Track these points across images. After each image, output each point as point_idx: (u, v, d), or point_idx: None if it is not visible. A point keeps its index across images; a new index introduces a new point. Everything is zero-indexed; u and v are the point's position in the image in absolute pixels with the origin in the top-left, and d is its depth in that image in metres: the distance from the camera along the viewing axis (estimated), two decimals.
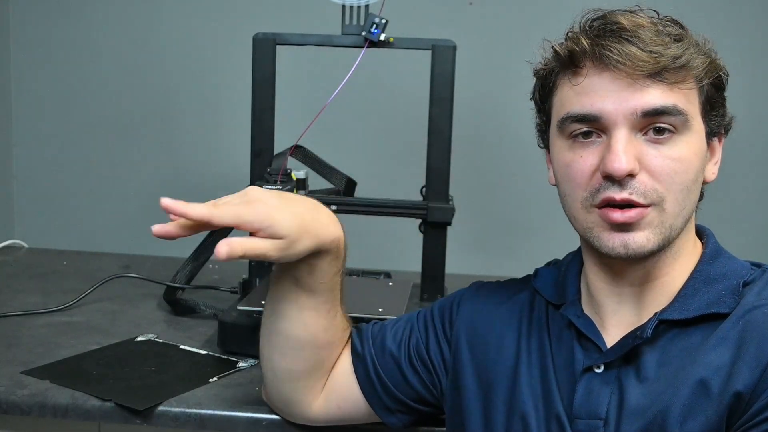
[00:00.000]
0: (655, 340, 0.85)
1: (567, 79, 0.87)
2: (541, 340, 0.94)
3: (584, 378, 0.88)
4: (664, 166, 0.83)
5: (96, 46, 2.00)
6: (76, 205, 2.06)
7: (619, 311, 0.90)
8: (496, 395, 0.94)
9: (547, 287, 0.98)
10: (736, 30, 1.85)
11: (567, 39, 0.88)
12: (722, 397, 0.79)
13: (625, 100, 0.82)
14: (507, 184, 1.93)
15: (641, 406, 0.83)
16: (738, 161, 1.88)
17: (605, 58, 0.82)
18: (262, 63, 1.45)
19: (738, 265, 0.90)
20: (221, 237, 1.50)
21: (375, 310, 1.28)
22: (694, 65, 0.83)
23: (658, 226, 0.84)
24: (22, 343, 1.34)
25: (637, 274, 0.88)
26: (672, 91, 0.83)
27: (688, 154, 0.84)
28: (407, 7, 1.58)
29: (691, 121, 0.84)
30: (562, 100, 0.88)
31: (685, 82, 0.83)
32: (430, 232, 1.46)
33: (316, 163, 1.51)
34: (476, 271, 1.87)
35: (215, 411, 1.13)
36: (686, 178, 0.84)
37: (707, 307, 0.85)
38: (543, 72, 0.91)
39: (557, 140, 0.89)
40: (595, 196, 0.84)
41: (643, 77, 0.82)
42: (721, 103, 0.88)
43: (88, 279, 1.66)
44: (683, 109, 0.83)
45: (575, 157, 0.86)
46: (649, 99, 0.82)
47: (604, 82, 0.83)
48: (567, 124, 0.86)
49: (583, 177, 0.85)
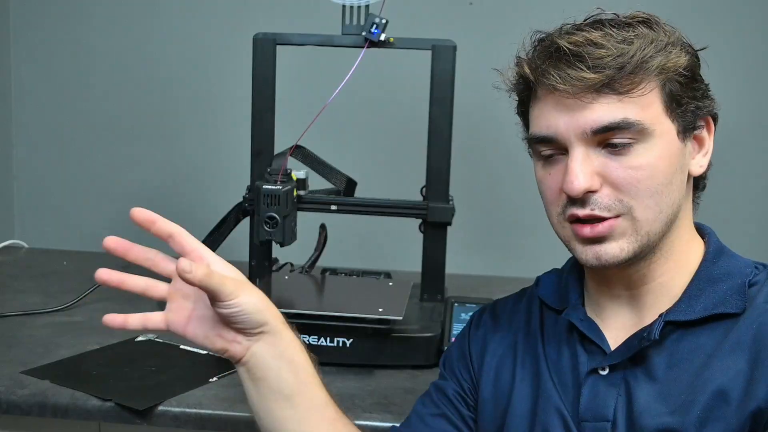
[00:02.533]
0: (662, 342, 0.85)
1: (530, 100, 0.89)
2: (534, 351, 0.94)
3: (589, 380, 0.87)
4: (627, 177, 0.82)
5: (96, 47, 2.00)
6: (76, 205, 2.06)
7: (619, 313, 0.90)
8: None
9: (550, 294, 0.98)
10: (737, 29, 1.85)
11: (516, 64, 0.89)
12: (742, 410, 0.79)
13: (574, 119, 0.82)
14: (507, 184, 1.93)
15: (653, 408, 0.82)
16: (740, 160, 1.88)
17: (546, 81, 0.83)
18: (262, 63, 1.45)
19: (741, 263, 0.89)
20: (221, 237, 1.52)
21: (375, 310, 1.28)
22: (646, 67, 0.81)
23: (632, 235, 0.83)
24: (22, 343, 1.34)
25: (631, 278, 0.88)
26: (622, 102, 0.81)
27: (651, 159, 0.82)
28: (407, 7, 1.58)
29: (650, 128, 0.82)
30: (530, 120, 0.89)
31: (638, 87, 0.81)
32: (430, 232, 1.46)
33: (316, 163, 1.51)
34: (476, 271, 1.87)
35: (215, 411, 1.13)
36: (652, 183, 0.82)
37: (713, 307, 0.84)
38: (516, 88, 0.92)
39: (533, 157, 0.90)
40: (564, 212, 0.85)
41: (589, 93, 0.81)
42: (690, 96, 0.85)
43: (88, 279, 1.65)
44: (635, 120, 0.81)
45: (546, 174, 0.87)
46: (597, 116, 0.81)
47: (553, 103, 0.84)
48: (533, 145, 0.88)
49: (553, 194, 0.87)
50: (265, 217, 1.35)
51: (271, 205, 1.35)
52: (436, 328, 1.34)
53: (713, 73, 0.92)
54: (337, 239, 1.56)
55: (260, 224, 1.36)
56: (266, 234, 1.35)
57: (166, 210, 2.27)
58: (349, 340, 1.28)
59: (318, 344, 1.27)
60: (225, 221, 1.52)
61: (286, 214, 1.36)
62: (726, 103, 0.92)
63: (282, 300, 1.39)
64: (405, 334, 1.31)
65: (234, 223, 1.51)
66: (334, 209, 1.46)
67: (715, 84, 0.90)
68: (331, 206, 1.46)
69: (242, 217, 1.50)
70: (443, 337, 1.34)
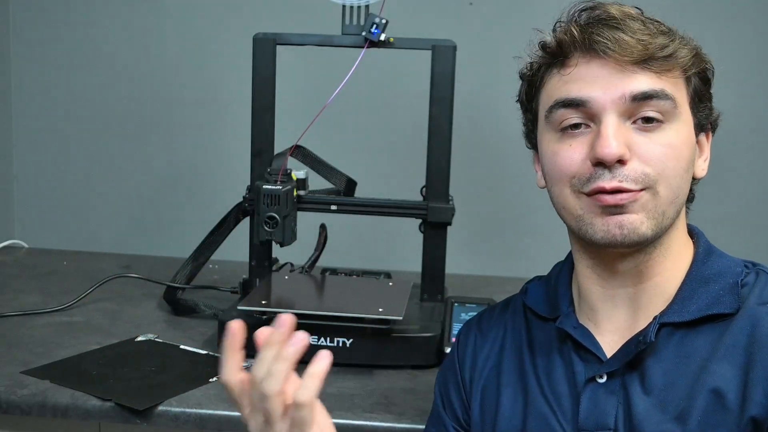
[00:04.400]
0: (658, 345, 0.85)
1: (555, 71, 0.88)
2: (521, 368, 0.93)
3: (588, 389, 0.86)
4: (656, 151, 0.82)
5: (96, 47, 2.00)
6: (76, 205, 2.06)
7: (615, 315, 0.90)
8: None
9: (539, 303, 0.97)
10: (736, 31, 1.85)
11: (555, 31, 0.89)
12: (741, 415, 0.79)
13: (614, 85, 0.83)
14: (507, 184, 1.93)
15: (652, 414, 0.82)
16: (737, 162, 1.88)
17: (594, 45, 0.83)
18: (262, 63, 1.45)
19: (731, 262, 0.89)
20: (221, 237, 1.52)
21: (375, 310, 1.28)
22: (680, 56, 0.84)
23: (652, 210, 0.83)
24: (22, 343, 1.34)
25: (629, 273, 0.88)
26: (660, 78, 0.83)
27: (678, 141, 0.84)
28: (407, 7, 1.58)
29: (680, 109, 0.84)
30: (549, 92, 0.88)
31: (672, 71, 0.84)
32: (430, 232, 1.46)
33: (316, 163, 1.51)
34: (476, 271, 1.87)
35: (215, 411, 1.13)
36: (678, 164, 0.83)
37: (707, 308, 0.84)
38: (529, 72, 0.92)
39: (546, 133, 0.89)
40: (585, 185, 0.84)
41: (631, 64, 0.82)
42: (708, 97, 0.89)
43: (88, 279, 1.66)
44: (672, 94, 0.83)
45: (564, 146, 0.86)
46: (637, 84, 0.82)
47: (593, 69, 0.84)
48: (555, 111, 0.86)
49: (572, 165, 0.85)
50: (265, 217, 1.35)
51: (271, 205, 1.35)
52: (436, 328, 1.34)
53: None
54: (337, 239, 1.56)
55: (260, 224, 1.36)
56: (266, 234, 1.35)
57: (167, 210, 2.29)
58: (349, 340, 1.28)
59: (318, 344, 1.27)
60: (225, 221, 1.52)
61: (286, 214, 1.36)
62: (720, 106, 0.93)
63: (282, 300, 1.39)
64: (405, 334, 1.31)
65: (234, 223, 1.51)
66: (334, 209, 1.46)
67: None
68: (331, 206, 1.46)
69: (242, 217, 1.50)
70: (443, 337, 1.34)
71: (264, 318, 1.29)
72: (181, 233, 1.93)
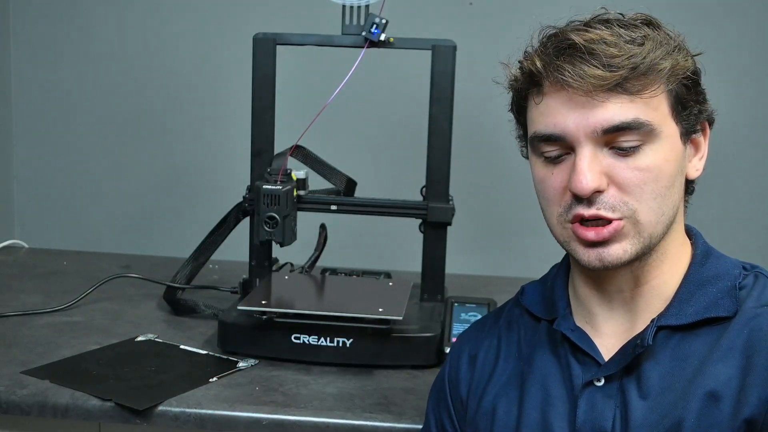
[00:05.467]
0: (655, 348, 0.84)
1: (532, 97, 0.87)
2: (518, 379, 0.93)
3: (586, 393, 0.86)
4: (633, 178, 0.82)
5: (96, 46, 2.00)
6: (76, 205, 2.06)
7: (612, 318, 0.89)
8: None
9: (536, 304, 0.97)
10: (736, 29, 1.85)
11: (524, 58, 0.88)
12: (735, 417, 0.78)
13: (585, 118, 0.81)
14: (507, 184, 1.93)
15: (649, 418, 0.82)
16: (738, 161, 1.88)
17: (559, 79, 0.82)
18: (262, 63, 1.45)
19: (729, 264, 0.89)
20: (221, 237, 1.52)
21: (375, 310, 1.28)
22: (657, 69, 0.82)
23: (634, 236, 0.83)
24: (22, 343, 1.34)
25: (624, 280, 0.88)
26: (633, 102, 0.81)
27: (657, 161, 0.82)
28: (407, 7, 1.58)
29: (658, 129, 0.82)
30: (531, 118, 0.88)
31: (648, 88, 0.82)
32: (430, 232, 1.46)
33: (316, 163, 1.51)
34: (476, 271, 1.87)
35: (215, 411, 1.13)
36: (658, 186, 0.82)
37: (705, 311, 0.84)
38: (515, 85, 0.91)
39: (532, 156, 0.89)
40: (567, 212, 0.84)
41: (602, 92, 0.81)
42: (694, 100, 0.86)
43: (88, 279, 1.66)
44: (645, 121, 0.81)
45: (548, 173, 0.86)
46: (609, 115, 0.81)
47: (563, 101, 0.83)
48: (536, 144, 0.87)
49: (555, 194, 0.86)
50: (265, 217, 1.35)
51: (271, 205, 1.35)
52: (436, 328, 1.34)
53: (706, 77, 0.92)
54: (337, 239, 1.56)
55: (260, 224, 1.36)
56: (266, 234, 1.35)
57: (167, 210, 2.29)
58: (349, 340, 1.28)
59: (318, 344, 1.27)
60: (225, 221, 1.52)
61: (286, 214, 1.36)
62: (717, 106, 0.92)
63: (282, 300, 1.39)
64: (405, 334, 1.31)
65: (234, 223, 1.51)
66: (334, 209, 1.47)
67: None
68: (331, 206, 1.46)
69: (242, 217, 1.50)
70: (443, 337, 1.34)
71: (264, 318, 1.29)
72: (181, 233, 1.93)
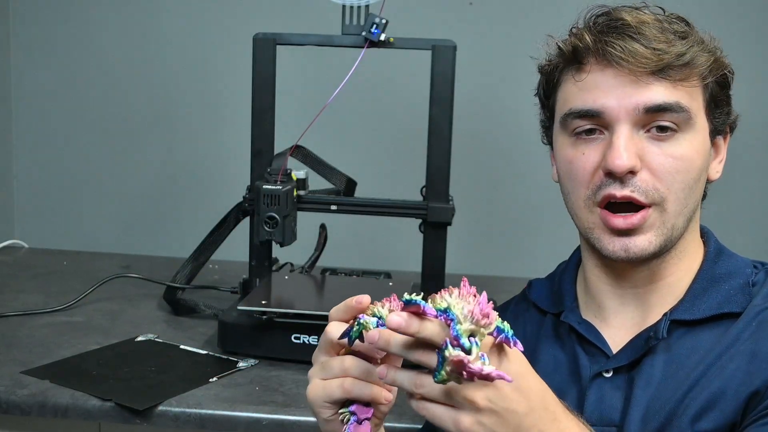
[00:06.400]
0: (665, 341, 0.85)
1: (570, 76, 0.87)
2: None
3: (594, 384, 0.86)
4: (666, 165, 0.83)
5: (96, 46, 2.00)
6: (76, 205, 2.06)
7: (623, 312, 0.90)
8: None
9: (543, 297, 0.98)
10: (741, 29, 1.85)
11: (571, 35, 0.88)
12: (738, 398, 0.79)
13: (628, 96, 0.82)
14: (507, 184, 1.93)
15: (653, 408, 0.82)
16: (743, 161, 1.87)
17: (608, 55, 0.82)
18: (262, 63, 1.44)
19: (741, 262, 0.90)
20: (221, 237, 1.52)
21: None
22: (698, 63, 0.83)
23: (659, 227, 0.83)
24: (22, 343, 1.34)
25: (641, 276, 0.88)
26: (675, 88, 0.83)
27: (690, 152, 0.84)
28: (407, 7, 1.58)
29: (694, 119, 0.84)
30: (565, 96, 0.88)
31: (688, 79, 0.83)
32: (430, 232, 1.46)
33: (316, 163, 1.51)
34: (476, 271, 1.87)
35: (215, 411, 1.13)
36: (688, 177, 0.83)
37: (718, 306, 0.85)
38: (547, 68, 0.91)
39: (560, 137, 0.89)
40: (596, 193, 0.84)
41: (646, 74, 0.82)
42: (725, 101, 0.88)
43: (88, 279, 1.66)
44: (686, 106, 0.83)
45: (577, 154, 0.86)
46: (652, 95, 0.82)
47: (607, 78, 0.83)
48: (570, 121, 0.86)
49: (585, 174, 0.85)
50: (265, 217, 1.35)
51: (271, 205, 1.35)
52: None
53: None
54: (337, 239, 1.56)
55: (260, 224, 1.36)
56: (266, 234, 1.35)
57: (167, 210, 2.28)
58: None
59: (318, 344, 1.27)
60: (225, 221, 1.52)
61: (286, 214, 1.36)
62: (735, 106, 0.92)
63: (282, 300, 1.39)
64: None
65: (234, 223, 1.51)
66: (334, 209, 1.46)
67: None
68: (331, 206, 1.46)
69: (242, 217, 1.50)
70: None
71: (264, 318, 1.29)
72: (181, 233, 1.93)
